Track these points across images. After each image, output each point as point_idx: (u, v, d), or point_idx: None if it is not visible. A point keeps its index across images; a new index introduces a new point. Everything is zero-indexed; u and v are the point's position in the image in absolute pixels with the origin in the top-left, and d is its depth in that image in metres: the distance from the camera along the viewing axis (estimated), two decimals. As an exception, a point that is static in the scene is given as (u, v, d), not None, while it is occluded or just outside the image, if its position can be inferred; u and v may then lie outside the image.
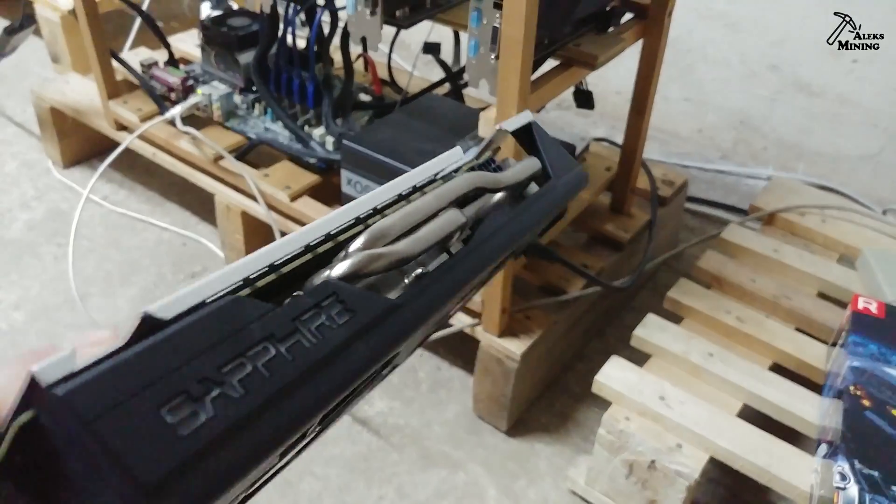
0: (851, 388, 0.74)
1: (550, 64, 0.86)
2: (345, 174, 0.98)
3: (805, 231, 1.08)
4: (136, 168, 1.35)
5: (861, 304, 0.84)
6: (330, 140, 1.07)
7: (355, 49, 1.21)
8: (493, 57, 0.73)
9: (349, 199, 0.99)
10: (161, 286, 1.15)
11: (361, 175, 0.95)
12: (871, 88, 1.30)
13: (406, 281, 0.27)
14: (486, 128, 0.77)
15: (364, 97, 1.21)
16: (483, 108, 0.80)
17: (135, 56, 1.27)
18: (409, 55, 1.64)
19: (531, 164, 0.34)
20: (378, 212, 0.28)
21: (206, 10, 1.31)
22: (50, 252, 1.19)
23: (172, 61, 1.22)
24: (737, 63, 1.42)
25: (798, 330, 0.92)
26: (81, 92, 1.29)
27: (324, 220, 0.25)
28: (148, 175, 1.34)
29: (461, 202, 0.30)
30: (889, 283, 0.93)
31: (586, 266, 1.00)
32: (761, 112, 1.43)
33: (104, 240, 1.22)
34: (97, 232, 1.23)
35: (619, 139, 1.09)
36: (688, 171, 1.42)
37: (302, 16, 1.08)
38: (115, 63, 1.18)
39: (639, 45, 0.98)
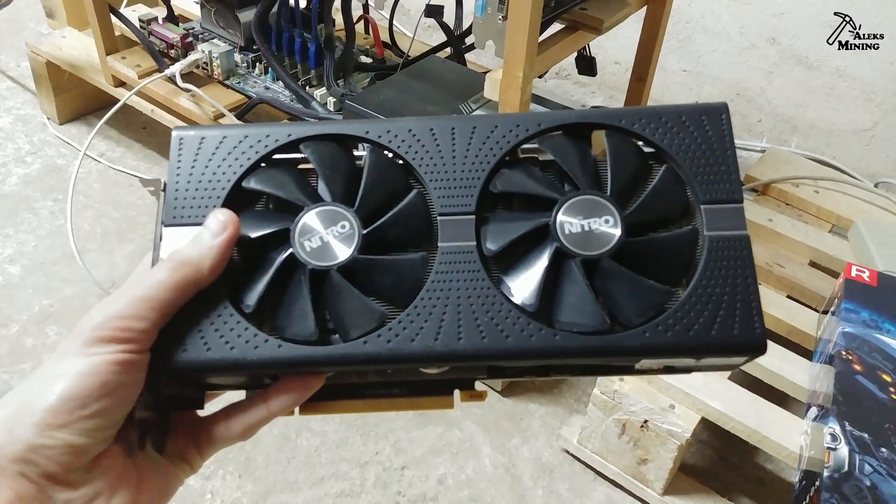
0: (843, 353, 0.76)
1: (555, 28, 0.86)
2: (346, 134, 0.97)
3: (798, 201, 1.09)
4: (133, 126, 1.34)
5: (854, 272, 0.85)
6: (331, 100, 1.07)
7: (356, 11, 1.20)
8: (500, 17, 0.73)
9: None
10: (159, 244, 1.14)
11: (363, 135, 0.95)
12: (868, 63, 1.31)
13: None
14: (492, 90, 0.78)
15: (365, 59, 1.20)
16: (487, 72, 0.80)
17: (133, 12, 1.25)
18: (409, 21, 1.63)
19: None
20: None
21: (206, -33, 1.29)
22: (46, 207, 1.19)
23: (172, 18, 1.21)
24: (736, 35, 1.43)
25: (790, 297, 0.94)
26: (78, 47, 1.27)
27: None
28: (145, 133, 1.34)
29: None
30: (880, 254, 0.95)
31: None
32: (758, 84, 1.44)
33: (101, 196, 1.22)
34: (94, 188, 1.23)
35: (619, 107, 1.09)
36: (684, 142, 1.42)
37: (304, -26, 1.07)
38: (113, 18, 1.16)
39: (639, 14, 0.98)
